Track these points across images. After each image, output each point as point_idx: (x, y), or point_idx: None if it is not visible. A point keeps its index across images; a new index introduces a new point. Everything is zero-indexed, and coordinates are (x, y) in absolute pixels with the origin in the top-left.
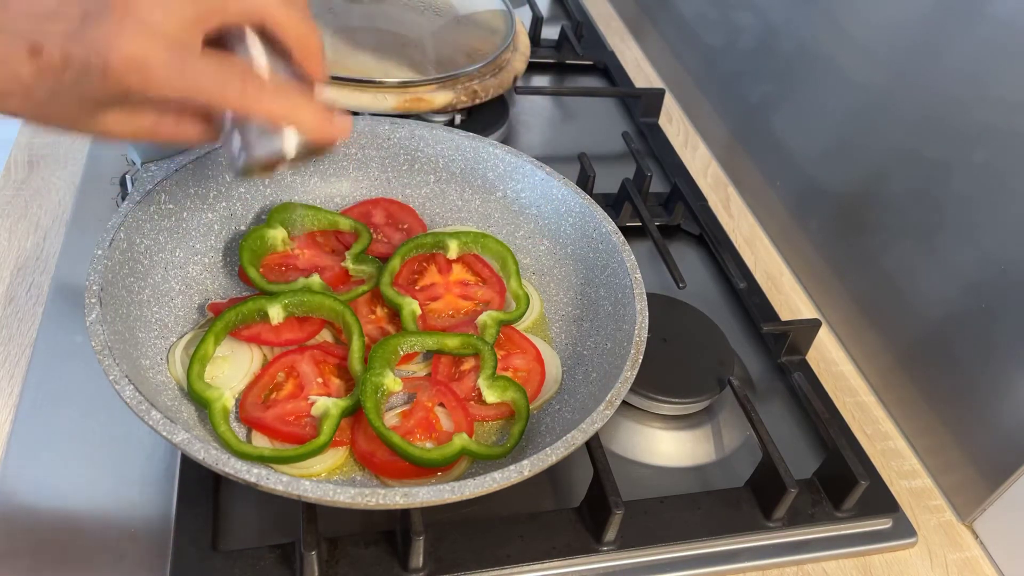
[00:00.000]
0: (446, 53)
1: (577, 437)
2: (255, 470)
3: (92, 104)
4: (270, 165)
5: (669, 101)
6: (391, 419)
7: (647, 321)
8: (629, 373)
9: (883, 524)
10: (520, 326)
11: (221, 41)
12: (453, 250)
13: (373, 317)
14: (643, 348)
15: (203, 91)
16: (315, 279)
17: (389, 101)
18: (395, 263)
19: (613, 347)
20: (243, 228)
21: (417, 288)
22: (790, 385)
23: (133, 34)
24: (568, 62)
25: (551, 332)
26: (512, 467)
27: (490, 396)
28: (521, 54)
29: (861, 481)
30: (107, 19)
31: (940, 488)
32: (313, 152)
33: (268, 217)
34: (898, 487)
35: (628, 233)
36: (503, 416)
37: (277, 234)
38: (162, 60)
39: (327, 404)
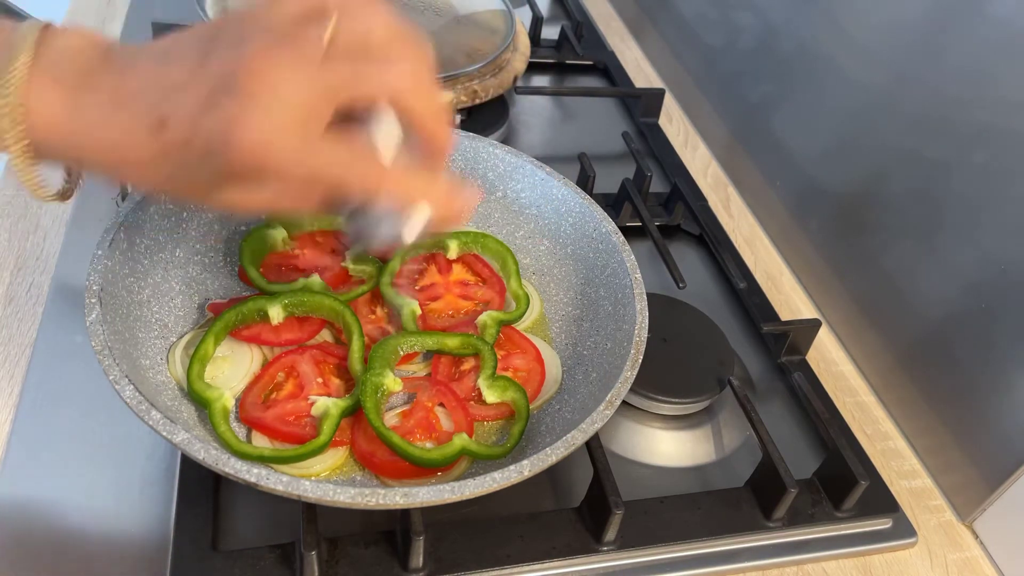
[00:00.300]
0: (446, 53)
1: (577, 437)
2: (255, 470)
3: (215, 179)
4: (391, 244)
5: (669, 101)
6: (391, 419)
7: (647, 321)
8: (629, 373)
9: (883, 524)
10: (520, 326)
11: (351, 110)
12: (453, 250)
13: (373, 317)
14: (643, 348)
15: (326, 176)
16: (315, 279)
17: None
18: (395, 263)
19: (613, 347)
20: (243, 228)
21: (417, 288)
22: (790, 385)
23: (259, 116)
24: (568, 62)
25: (551, 332)
26: (512, 467)
27: (490, 396)
28: (521, 54)
29: (861, 481)
30: (234, 98)
31: (940, 488)
32: (432, 232)
33: (268, 217)
34: (898, 487)
35: (628, 233)
36: (503, 416)
37: (277, 234)
38: (286, 143)
39: (327, 404)
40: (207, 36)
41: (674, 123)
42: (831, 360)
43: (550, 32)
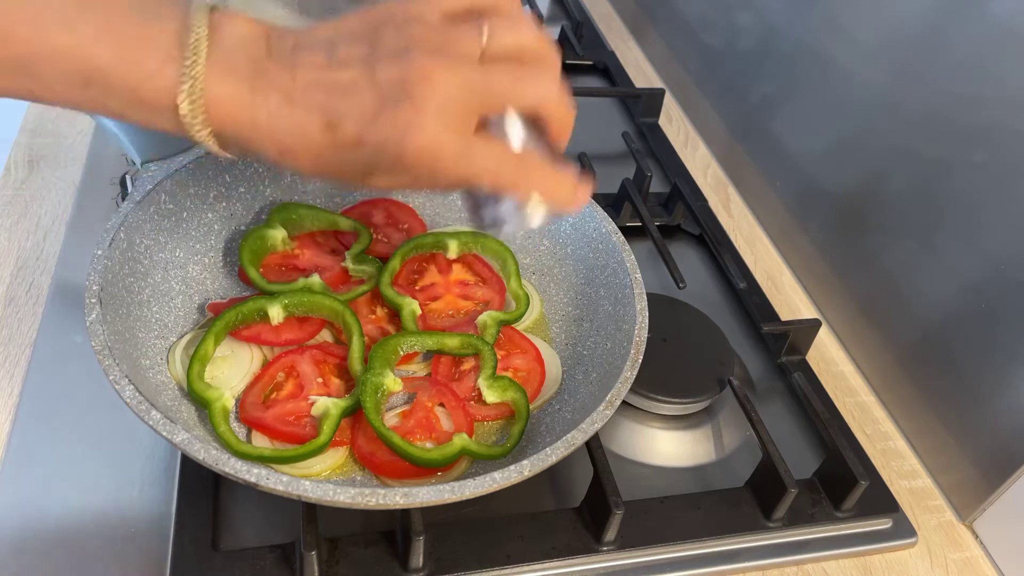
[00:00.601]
0: None
1: (577, 437)
2: (255, 470)
3: (375, 171)
4: (514, 232)
5: (669, 101)
6: (391, 419)
7: (647, 321)
8: (629, 373)
9: (883, 524)
10: (520, 326)
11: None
12: (453, 250)
13: (373, 317)
14: (643, 348)
15: (482, 175)
16: (315, 279)
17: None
18: (395, 263)
19: (613, 347)
20: (243, 228)
21: (417, 288)
22: (790, 385)
23: (429, 125)
24: (568, 62)
25: (551, 332)
26: (512, 467)
27: (490, 396)
28: None
29: (861, 481)
30: (404, 109)
31: (940, 488)
32: (554, 216)
33: (268, 217)
34: (898, 487)
35: (628, 233)
36: (503, 416)
37: (277, 234)
38: (451, 148)
39: (327, 404)
40: (368, 32)
41: (674, 123)
42: (831, 360)
43: (550, 32)
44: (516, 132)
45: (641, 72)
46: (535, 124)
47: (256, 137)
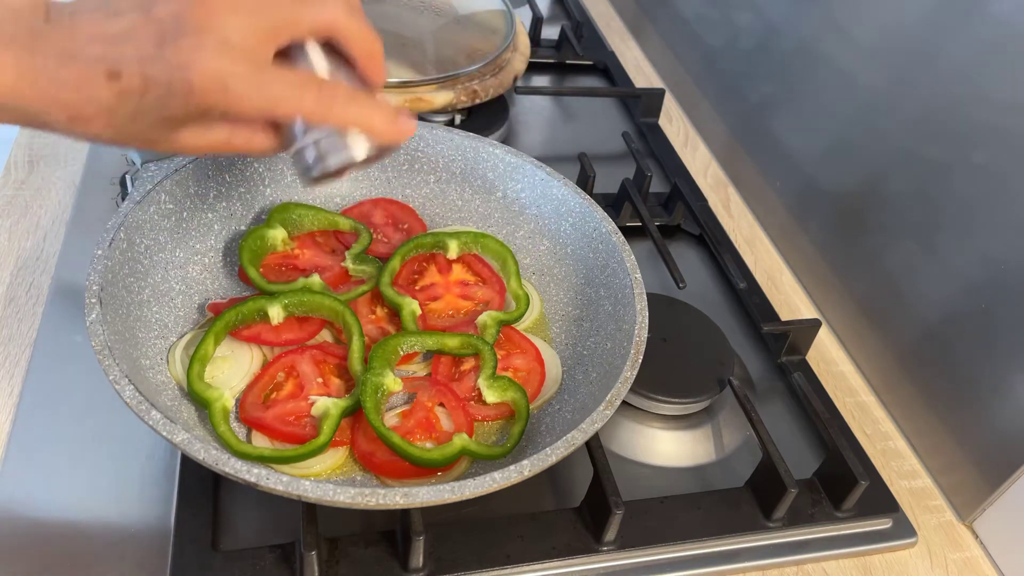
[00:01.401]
0: (446, 53)
1: (577, 437)
2: (255, 470)
3: (170, 122)
4: (341, 171)
5: (669, 101)
6: (391, 419)
7: (647, 321)
8: (629, 373)
9: (883, 524)
10: (520, 326)
11: (284, 52)
12: (453, 250)
13: (373, 317)
14: (643, 348)
15: (280, 103)
16: (315, 279)
17: (389, 101)
18: (395, 263)
19: (613, 347)
20: (243, 228)
21: (417, 288)
22: (790, 385)
23: (213, 52)
24: (568, 62)
25: (551, 332)
26: (512, 467)
27: (490, 396)
28: (521, 54)
29: (861, 481)
30: (185, 39)
31: (940, 488)
32: (379, 155)
33: (268, 217)
34: (898, 487)
35: (628, 233)
36: (503, 416)
37: (277, 234)
38: (242, 76)
39: (327, 404)
40: None
41: (674, 123)
42: (831, 360)
43: (550, 32)
44: (318, 62)
45: (641, 72)
46: (342, 57)
47: (41, 104)
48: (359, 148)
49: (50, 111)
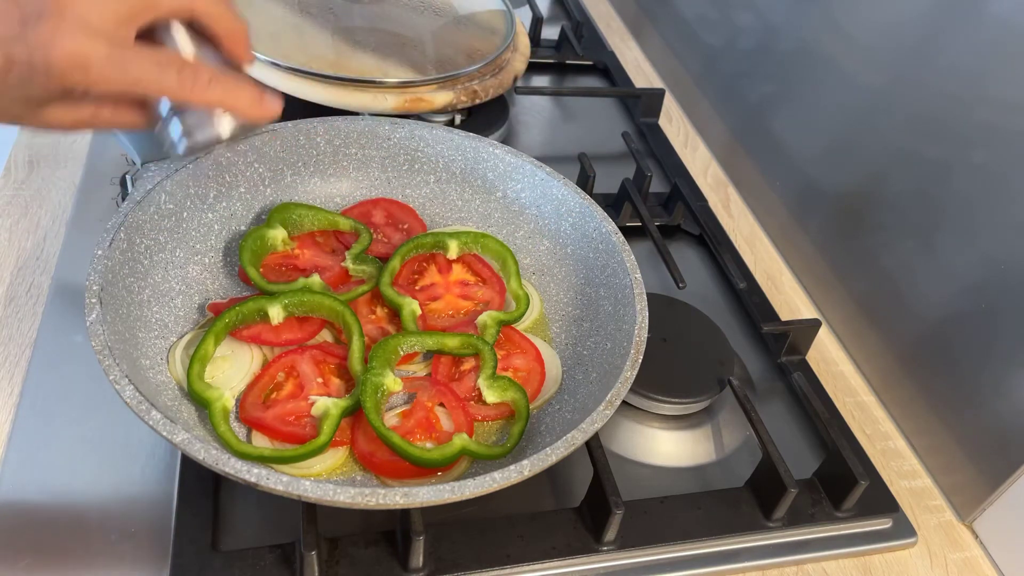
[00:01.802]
0: (446, 53)
1: (577, 437)
2: (255, 470)
3: (34, 100)
4: (208, 146)
5: (669, 101)
6: (391, 419)
7: (647, 321)
8: (629, 373)
9: (883, 524)
10: (520, 326)
11: (150, 34)
12: (453, 250)
13: (373, 317)
14: (643, 348)
15: (141, 83)
16: (315, 279)
17: (389, 101)
18: (395, 263)
19: (613, 347)
20: (243, 228)
21: (417, 288)
22: (790, 385)
23: (72, 33)
24: (568, 62)
25: (551, 332)
26: (512, 467)
27: (490, 396)
28: (521, 54)
29: (861, 481)
30: (46, 21)
31: (940, 488)
32: (248, 129)
33: (268, 217)
34: (898, 487)
35: (628, 233)
36: (503, 416)
37: (277, 234)
38: (101, 56)
39: (327, 404)
40: None
41: (674, 123)
42: (831, 360)
43: (550, 32)
44: (183, 43)
45: (641, 72)
46: (207, 39)
47: None
48: (224, 126)
49: None
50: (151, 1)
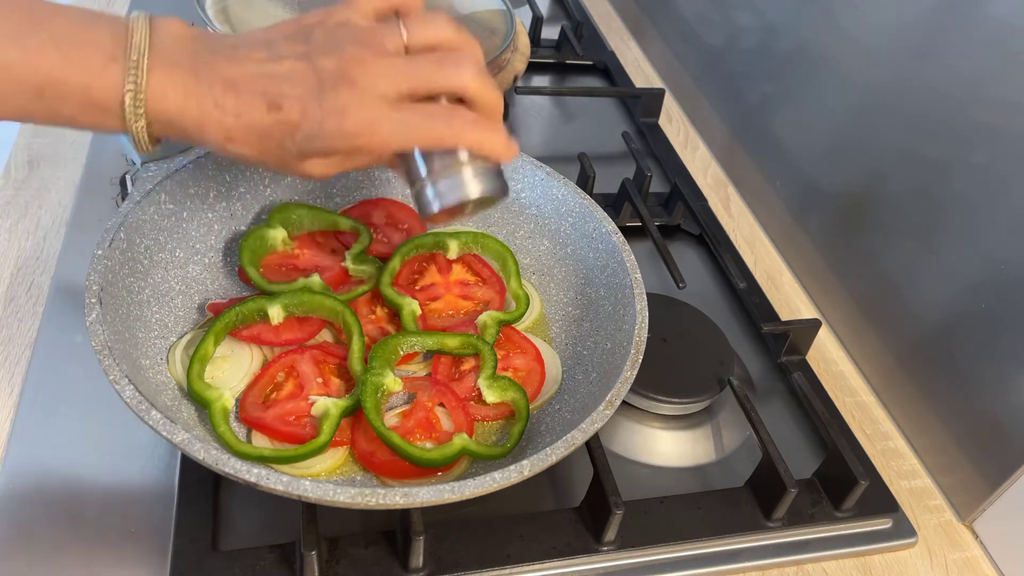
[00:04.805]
0: None
1: (577, 437)
2: (255, 470)
3: (308, 154)
4: (455, 210)
5: (669, 101)
6: (391, 419)
7: (647, 321)
8: (629, 373)
9: (883, 524)
10: (520, 326)
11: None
12: (453, 250)
13: (373, 317)
14: (643, 348)
15: (417, 137)
16: (315, 279)
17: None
18: (395, 263)
19: (613, 347)
20: (243, 228)
21: (417, 288)
22: (790, 385)
23: (367, 102)
24: (568, 62)
25: (551, 332)
26: (512, 467)
27: (490, 396)
28: (521, 54)
29: (861, 481)
30: (343, 88)
31: (940, 488)
32: (489, 200)
33: (268, 217)
34: (898, 487)
35: (628, 233)
36: (503, 416)
37: (277, 234)
38: (389, 119)
39: (327, 404)
40: (299, 35)
41: (674, 123)
42: (831, 360)
43: (550, 32)
44: None
45: (641, 72)
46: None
47: (203, 124)
48: (473, 188)
49: (207, 130)
50: (433, 77)
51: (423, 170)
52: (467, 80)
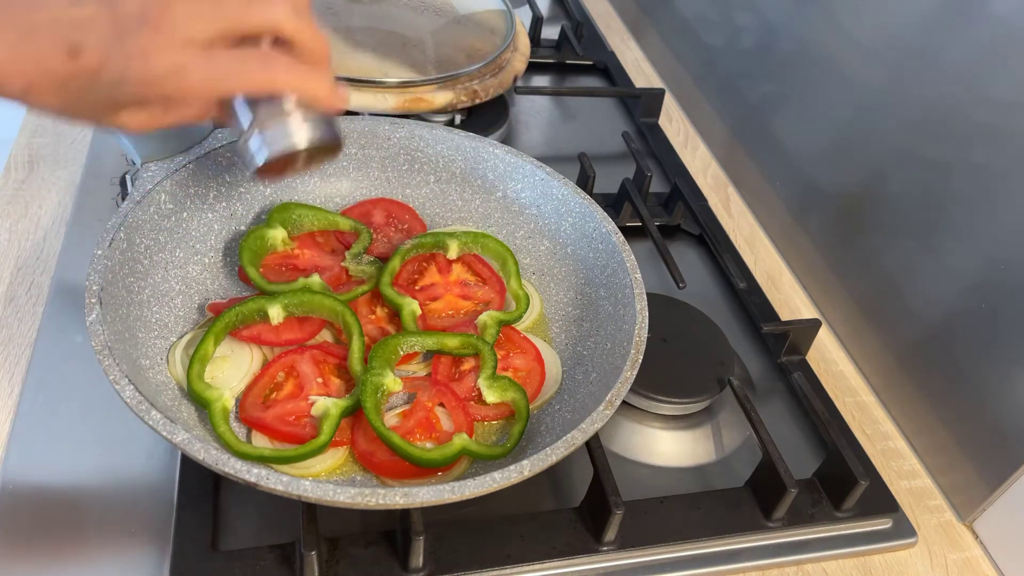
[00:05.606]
0: (446, 53)
1: (577, 437)
2: (255, 470)
3: (117, 104)
4: (285, 163)
5: (669, 101)
6: (391, 419)
7: (647, 321)
8: (629, 373)
9: (883, 524)
10: (520, 326)
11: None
12: (453, 250)
13: (373, 317)
14: (643, 348)
15: (228, 78)
16: (315, 279)
17: (389, 101)
18: (395, 263)
19: (613, 347)
20: (243, 228)
21: (417, 288)
22: (790, 385)
23: (170, 45)
24: (568, 62)
25: (551, 332)
26: (512, 467)
27: (490, 396)
28: (521, 54)
29: (861, 481)
30: (145, 32)
31: (940, 488)
32: (322, 151)
33: (268, 217)
34: (898, 487)
35: (628, 233)
36: (503, 416)
37: (277, 234)
38: (197, 65)
39: (327, 404)
40: None
41: (674, 123)
42: (831, 360)
43: (550, 32)
44: None
45: (641, 72)
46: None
47: (0, 73)
48: (300, 135)
49: (5, 80)
50: (242, 18)
51: (246, 121)
52: (280, 18)
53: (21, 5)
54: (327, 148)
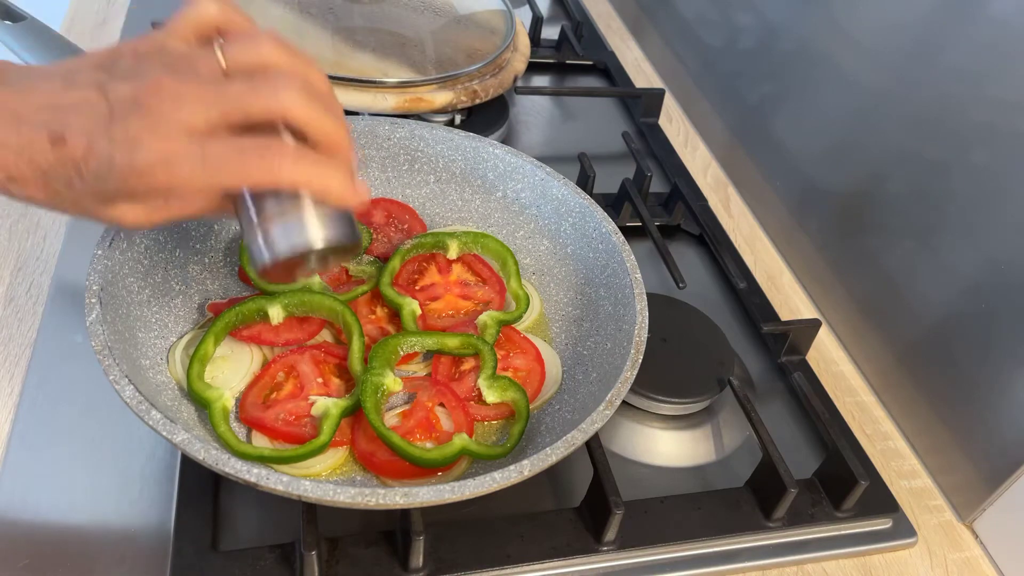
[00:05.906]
0: (446, 53)
1: (577, 437)
2: (255, 470)
3: (107, 196)
4: (293, 263)
5: (669, 101)
6: (391, 419)
7: (647, 321)
8: (629, 373)
9: (883, 524)
10: (520, 326)
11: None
12: (453, 250)
13: (373, 317)
14: (643, 348)
15: (226, 175)
16: (315, 279)
17: (389, 101)
18: (395, 263)
19: (613, 347)
20: None
21: (417, 288)
22: (790, 385)
23: (162, 132)
24: (568, 62)
25: (551, 332)
26: (512, 467)
27: (490, 396)
28: (521, 54)
29: (861, 481)
30: (135, 118)
31: (940, 488)
32: (337, 251)
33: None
34: (898, 487)
35: (628, 233)
36: (503, 416)
37: None
38: (189, 155)
39: (327, 404)
40: (106, 64)
41: (674, 123)
42: (831, 360)
43: (550, 32)
44: (286, 139)
45: (641, 72)
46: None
47: None
48: (311, 234)
49: None
50: (245, 103)
51: (254, 216)
52: (287, 103)
53: (10, 91)
54: (342, 248)
